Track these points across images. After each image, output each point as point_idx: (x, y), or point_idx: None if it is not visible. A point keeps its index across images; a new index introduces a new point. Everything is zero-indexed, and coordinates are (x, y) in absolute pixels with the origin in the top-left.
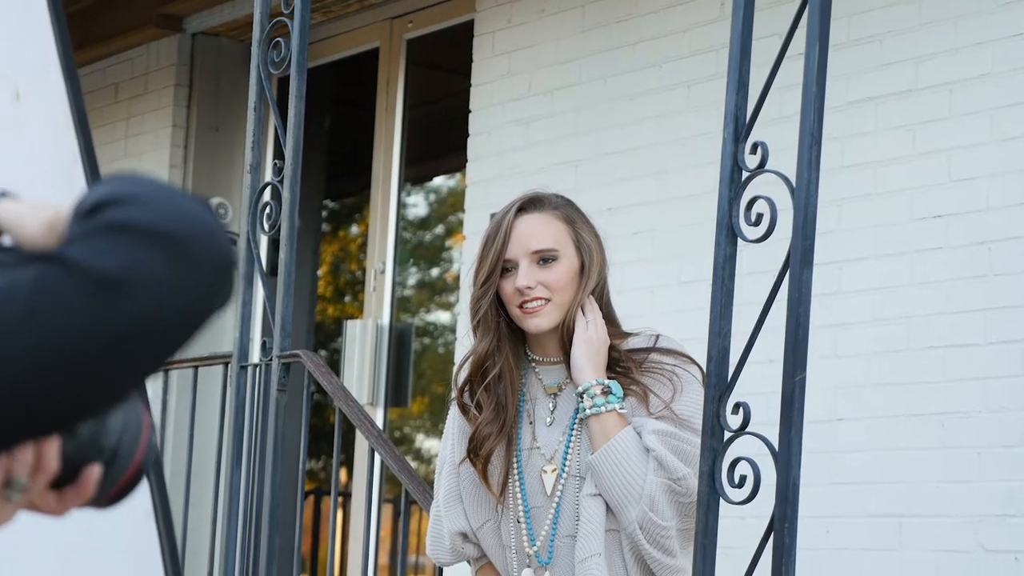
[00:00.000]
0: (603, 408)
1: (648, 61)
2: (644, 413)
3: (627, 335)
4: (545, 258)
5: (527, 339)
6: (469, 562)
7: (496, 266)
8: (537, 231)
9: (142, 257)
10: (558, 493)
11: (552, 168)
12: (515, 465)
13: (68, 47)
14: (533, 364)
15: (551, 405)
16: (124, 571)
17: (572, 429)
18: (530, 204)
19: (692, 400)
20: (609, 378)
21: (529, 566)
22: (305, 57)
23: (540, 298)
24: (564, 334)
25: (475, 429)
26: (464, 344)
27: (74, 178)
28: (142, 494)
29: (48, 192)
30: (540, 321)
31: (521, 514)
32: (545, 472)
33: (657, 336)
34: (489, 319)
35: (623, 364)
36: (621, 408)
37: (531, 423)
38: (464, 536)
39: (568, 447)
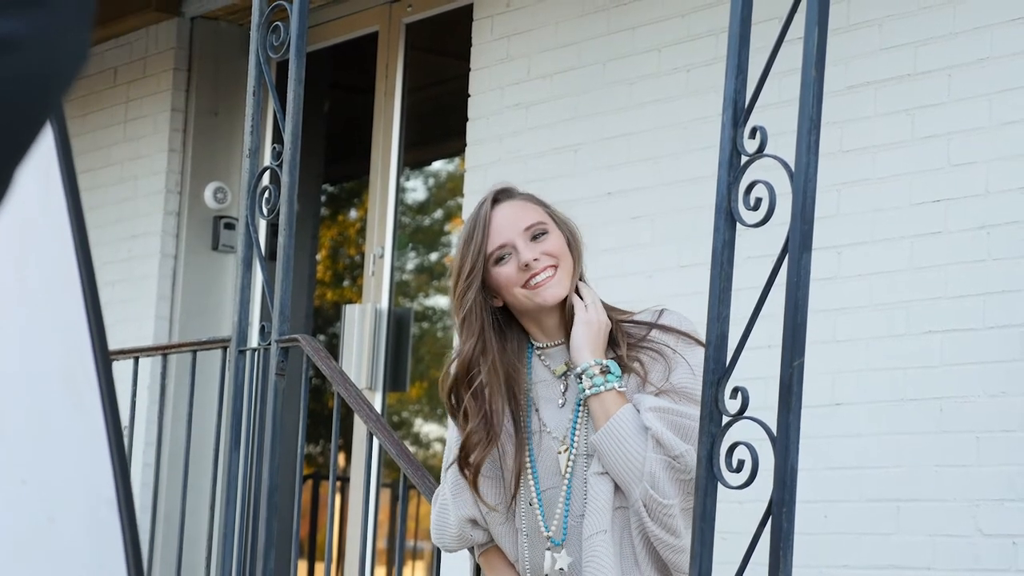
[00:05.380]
0: (602, 387)
1: (647, 45)
2: (643, 389)
3: (631, 313)
4: (537, 233)
5: (530, 329)
6: (472, 548)
7: (479, 258)
8: (520, 212)
9: (11, 24)
10: (568, 472)
11: (551, 153)
12: (528, 454)
13: None
14: (538, 352)
15: (562, 387)
16: (86, 559)
17: (578, 408)
18: (502, 194)
19: (690, 371)
20: (609, 357)
21: (548, 549)
22: (304, 41)
23: (548, 267)
24: (566, 316)
25: (464, 438)
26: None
27: (50, 165)
28: (105, 482)
29: (24, 179)
30: (555, 290)
31: (534, 498)
32: (560, 453)
33: (661, 311)
34: (474, 317)
35: (622, 342)
36: (620, 386)
37: (536, 409)
38: (473, 522)
39: (575, 426)
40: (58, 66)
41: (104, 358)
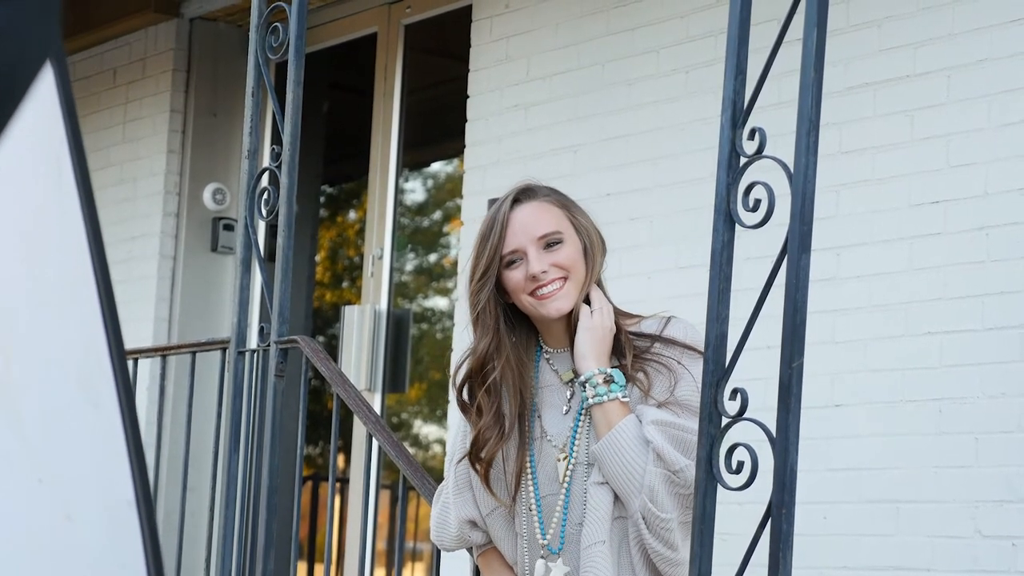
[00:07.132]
0: (605, 397)
1: (646, 46)
2: (646, 401)
3: (639, 318)
4: (551, 242)
5: (540, 330)
6: (471, 549)
7: (494, 258)
8: (538, 217)
9: None
10: (567, 480)
11: (550, 154)
12: (528, 458)
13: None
14: (547, 355)
15: (568, 394)
16: (105, 559)
17: (579, 416)
18: (523, 194)
19: (695, 384)
20: (613, 365)
21: (543, 556)
22: (303, 42)
23: (556, 279)
24: (572, 322)
25: (476, 433)
26: (462, 331)
27: (62, 160)
28: (123, 481)
29: (36, 174)
30: (560, 304)
31: (533, 504)
32: (559, 460)
33: (668, 320)
34: (488, 315)
35: (627, 351)
36: (624, 396)
37: (539, 415)
38: (473, 523)
39: (575, 435)
40: (22, 57)
41: (120, 355)
